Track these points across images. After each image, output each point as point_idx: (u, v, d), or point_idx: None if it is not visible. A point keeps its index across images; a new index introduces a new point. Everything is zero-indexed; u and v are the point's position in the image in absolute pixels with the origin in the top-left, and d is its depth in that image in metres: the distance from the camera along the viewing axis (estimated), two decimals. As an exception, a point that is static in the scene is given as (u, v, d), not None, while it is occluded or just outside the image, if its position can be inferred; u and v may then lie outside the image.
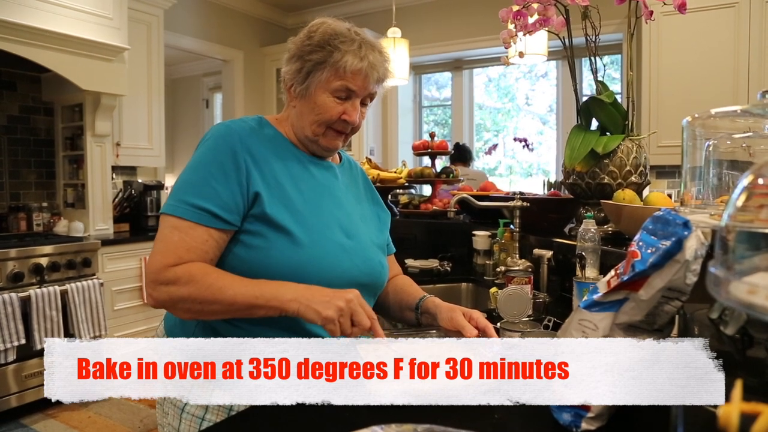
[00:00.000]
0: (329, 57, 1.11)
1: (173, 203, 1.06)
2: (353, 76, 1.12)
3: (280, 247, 1.07)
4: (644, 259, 0.72)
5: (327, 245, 1.11)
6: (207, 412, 1.10)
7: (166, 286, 1.00)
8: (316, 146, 1.19)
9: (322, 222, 1.13)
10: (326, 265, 1.10)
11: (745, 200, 0.50)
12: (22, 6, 2.99)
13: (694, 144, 1.00)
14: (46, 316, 2.97)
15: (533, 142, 5.22)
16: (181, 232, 1.04)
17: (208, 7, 5.07)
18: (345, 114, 1.14)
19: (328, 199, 1.18)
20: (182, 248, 1.03)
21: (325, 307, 0.97)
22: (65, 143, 3.76)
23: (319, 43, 1.12)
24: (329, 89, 1.13)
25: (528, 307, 1.41)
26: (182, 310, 1.03)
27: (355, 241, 1.17)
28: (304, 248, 1.08)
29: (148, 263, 1.05)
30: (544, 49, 2.94)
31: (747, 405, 0.36)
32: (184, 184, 1.08)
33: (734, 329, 0.64)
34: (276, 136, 1.18)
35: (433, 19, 5.12)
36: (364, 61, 1.12)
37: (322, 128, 1.15)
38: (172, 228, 1.05)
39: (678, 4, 1.64)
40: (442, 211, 2.89)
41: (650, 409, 0.85)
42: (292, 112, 1.20)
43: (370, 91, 1.17)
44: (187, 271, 1.01)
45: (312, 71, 1.13)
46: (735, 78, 3.46)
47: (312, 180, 1.18)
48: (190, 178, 1.08)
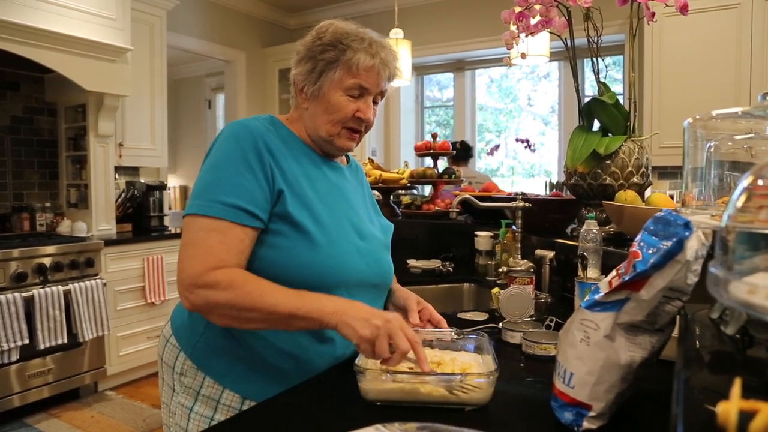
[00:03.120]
0: (342, 55, 1.12)
1: (203, 203, 1.02)
2: (366, 73, 1.13)
3: (300, 248, 1.06)
4: (645, 260, 0.73)
5: (344, 246, 1.11)
6: (216, 412, 1.10)
7: (204, 290, 0.97)
8: (330, 146, 1.19)
9: (337, 223, 1.13)
10: (343, 266, 1.10)
11: (745, 201, 0.51)
12: (26, 7, 3.00)
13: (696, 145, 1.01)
14: (49, 315, 2.98)
15: (535, 142, 5.22)
16: (219, 233, 1.00)
17: (211, 7, 5.09)
18: (359, 111, 1.15)
19: (341, 200, 1.18)
20: (222, 250, 1.00)
21: (363, 325, 0.94)
22: (68, 144, 3.78)
23: (330, 42, 1.13)
24: (342, 87, 1.13)
25: (530, 307, 1.41)
26: (218, 315, 1.00)
27: (367, 242, 1.18)
28: (322, 249, 1.07)
29: (184, 265, 1.00)
30: (546, 50, 2.94)
31: (745, 402, 0.36)
32: (211, 184, 1.05)
33: (735, 329, 0.65)
34: (290, 135, 1.17)
35: (436, 19, 5.12)
36: (376, 58, 1.13)
37: (337, 128, 1.15)
38: (208, 230, 1.01)
39: (680, 6, 1.64)
40: (444, 211, 2.89)
41: (651, 408, 0.85)
42: (304, 113, 1.19)
43: (381, 89, 1.18)
44: (228, 277, 0.98)
45: (324, 70, 1.13)
46: (737, 79, 3.46)
47: (326, 180, 1.18)
48: (216, 176, 1.05)
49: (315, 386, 1.04)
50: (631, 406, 0.82)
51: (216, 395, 1.11)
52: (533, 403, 0.94)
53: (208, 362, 1.12)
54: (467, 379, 0.91)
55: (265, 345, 1.08)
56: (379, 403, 0.93)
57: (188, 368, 1.14)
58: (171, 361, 1.18)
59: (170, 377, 1.18)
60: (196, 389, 1.12)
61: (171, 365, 1.18)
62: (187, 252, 1.00)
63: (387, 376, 0.92)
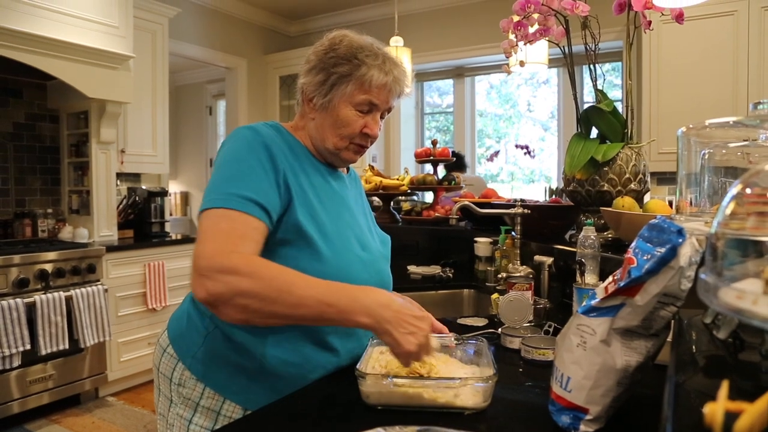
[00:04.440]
0: (356, 70, 1.11)
1: (217, 197, 0.99)
2: (378, 90, 1.13)
3: (306, 258, 1.05)
4: (640, 266, 0.74)
5: (348, 257, 1.11)
6: (216, 424, 1.08)
7: (224, 275, 0.89)
8: (335, 158, 1.19)
9: (341, 233, 1.12)
10: (347, 277, 1.07)
11: (734, 208, 0.52)
12: (29, 15, 3.03)
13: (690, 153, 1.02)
14: (50, 321, 2.99)
15: (535, 148, 5.25)
16: (232, 220, 0.96)
17: (212, 15, 5.12)
18: (366, 127, 1.15)
19: (344, 210, 1.18)
20: (236, 235, 0.94)
21: (408, 340, 0.91)
22: (70, 150, 3.80)
23: (344, 55, 1.12)
24: (353, 102, 1.12)
25: (529, 312, 1.42)
26: (238, 307, 0.90)
27: (369, 253, 1.18)
28: (327, 260, 1.06)
29: (196, 251, 0.92)
30: (545, 58, 2.96)
31: (731, 403, 0.38)
32: (226, 179, 1.02)
33: (726, 333, 0.66)
34: (295, 143, 1.17)
35: (435, 27, 5.16)
36: (389, 76, 1.13)
37: (345, 142, 1.15)
38: (219, 217, 0.96)
39: (675, 15, 1.66)
40: (444, 217, 2.91)
41: (647, 412, 0.87)
42: (310, 123, 1.18)
43: (390, 105, 1.18)
44: (248, 261, 0.91)
45: (336, 84, 1.12)
46: (734, 85, 3.48)
47: (330, 190, 1.17)
48: (231, 171, 1.02)
49: (315, 390, 1.05)
50: (627, 410, 0.84)
51: (216, 406, 1.09)
52: (531, 407, 0.95)
53: (208, 373, 1.10)
54: (467, 383, 0.92)
55: (267, 355, 1.06)
56: (380, 407, 0.94)
57: (187, 379, 1.12)
58: (168, 372, 1.15)
59: (168, 388, 1.16)
60: (196, 400, 1.10)
61: (168, 375, 1.15)
62: (201, 240, 0.94)
63: (388, 380, 0.93)
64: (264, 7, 5.49)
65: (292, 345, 1.07)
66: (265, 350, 1.06)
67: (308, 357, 1.08)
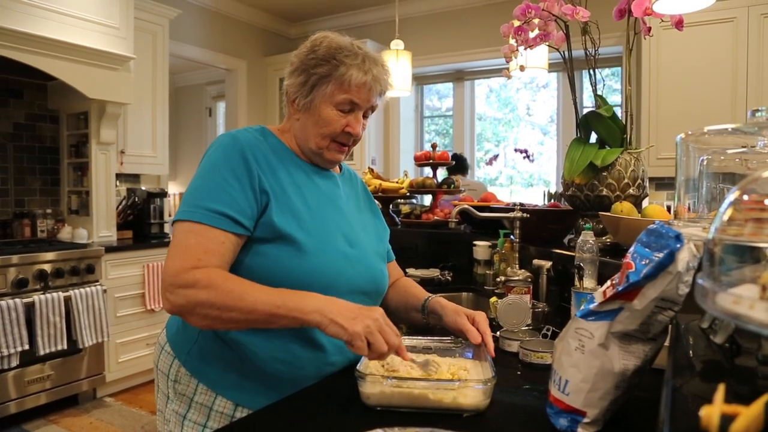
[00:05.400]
0: (334, 71, 1.13)
1: (187, 209, 1.05)
2: (358, 89, 1.14)
3: (286, 255, 1.07)
4: (638, 271, 0.75)
5: (331, 254, 1.13)
6: (209, 419, 1.11)
7: (184, 289, 0.97)
8: (319, 159, 1.21)
9: (326, 231, 1.14)
10: (331, 273, 1.11)
11: (732, 214, 0.53)
12: (30, 15, 3.04)
13: (688, 159, 1.03)
14: (49, 322, 2.99)
15: (534, 152, 5.26)
16: (198, 235, 1.02)
17: (212, 17, 5.13)
18: (348, 126, 1.16)
19: (331, 208, 1.20)
20: (200, 251, 1.01)
21: (353, 323, 0.94)
22: (70, 151, 3.80)
23: (324, 56, 1.14)
24: (333, 102, 1.14)
25: (527, 316, 1.43)
26: (199, 315, 0.99)
27: (358, 250, 1.19)
28: (309, 256, 1.08)
29: (165, 268, 1.02)
30: (545, 62, 2.97)
31: (727, 406, 0.39)
32: (198, 190, 1.07)
33: (723, 338, 0.67)
34: (279, 146, 1.19)
35: (435, 30, 5.17)
36: (368, 75, 1.14)
37: (326, 141, 1.17)
38: (187, 232, 1.03)
39: (675, 22, 1.67)
40: (443, 221, 2.91)
41: (644, 415, 0.87)
42: (295, 124, 1.21)
43: (372, 104, 1.19)
44: (207, 275, 0.98)
45: (317, 84, 1.14)
46: (733, 91, 3.50)
47: (316, 189, 1.19)
48: (203, 183, 1.08)
49: (315, 392, 1.05)
50: (624, 413, 0.84)
51: (209, 402, 1.11)
52: (530, 409, 0.96)
53: (201, 369, 1.13)
54: (465, 385, 0.93)
55: (257, 352, 1.09)
56: (379, 408, 0.94)
57: (182, 375, 1.15)
58: (166, 369, 1.19)
59: (165, 384, 1.19)
60: (190, 396, 1.13)
61: (166, 372, 1.19)
62: (169, 254, 1.02)
63: (388, 381, 0.94)
64: (264, 9, 5.50)
65: (281, 342, 1.09)
66: (254, 348, 1.09)
67: (296, 354, 1.10)
